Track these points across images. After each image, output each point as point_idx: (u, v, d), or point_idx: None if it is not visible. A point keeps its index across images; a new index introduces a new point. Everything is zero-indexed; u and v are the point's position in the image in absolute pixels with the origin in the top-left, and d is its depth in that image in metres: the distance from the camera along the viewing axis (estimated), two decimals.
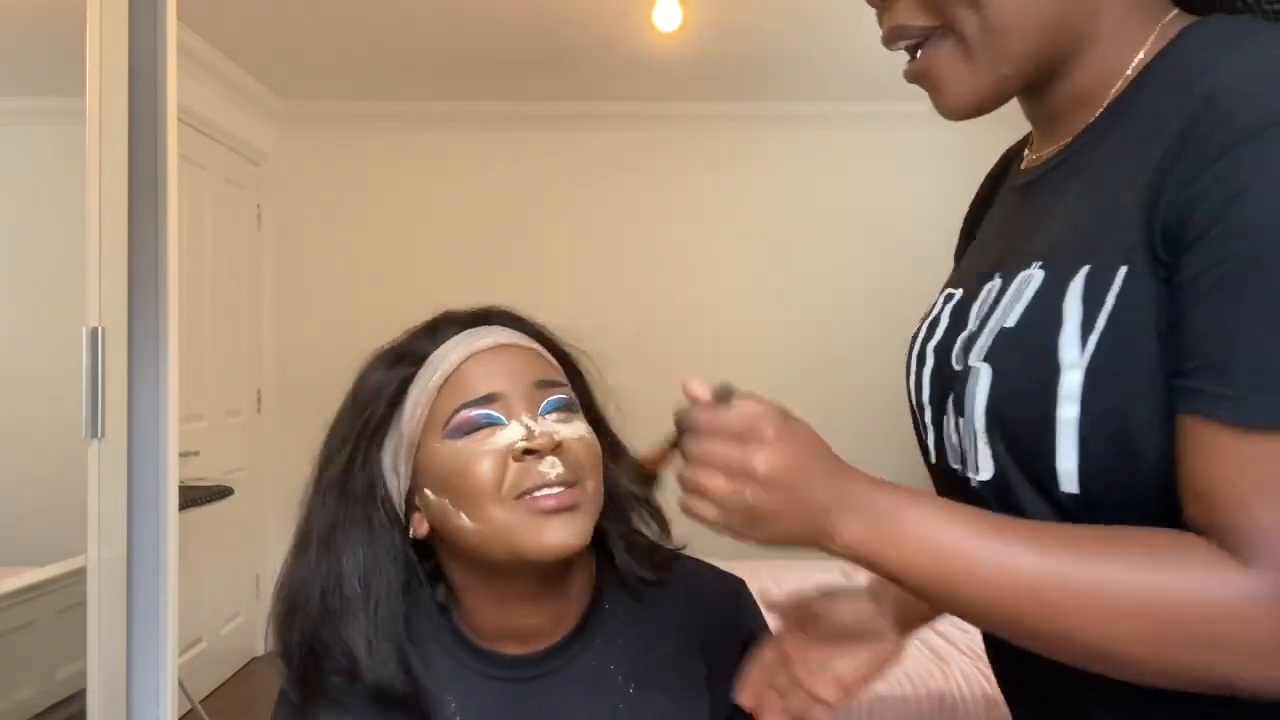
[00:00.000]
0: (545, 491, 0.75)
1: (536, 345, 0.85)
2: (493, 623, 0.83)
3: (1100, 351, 0.58)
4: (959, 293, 0.74)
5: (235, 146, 3.90)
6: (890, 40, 0.69)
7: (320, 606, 0.82)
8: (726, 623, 0.87)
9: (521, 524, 0.75)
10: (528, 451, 0.76)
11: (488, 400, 0.78)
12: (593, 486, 0.79)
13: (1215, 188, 0.53)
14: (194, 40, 3.38)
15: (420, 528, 0.83)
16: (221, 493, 3.16)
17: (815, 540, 0.61)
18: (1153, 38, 0.64)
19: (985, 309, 0.68)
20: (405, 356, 0.84)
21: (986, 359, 0.65)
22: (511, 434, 0.77)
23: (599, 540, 0.84)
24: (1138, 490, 0.58)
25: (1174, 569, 0.53)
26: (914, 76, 0.69)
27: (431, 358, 0.82)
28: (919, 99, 0.72)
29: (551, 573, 0.81)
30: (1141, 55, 0.64)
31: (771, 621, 0.87)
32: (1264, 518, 0.51)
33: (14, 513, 2.20)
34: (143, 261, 1.81)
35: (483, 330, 0.84)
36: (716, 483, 0.60)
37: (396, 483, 0.83)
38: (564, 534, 0.75)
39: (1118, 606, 0.53)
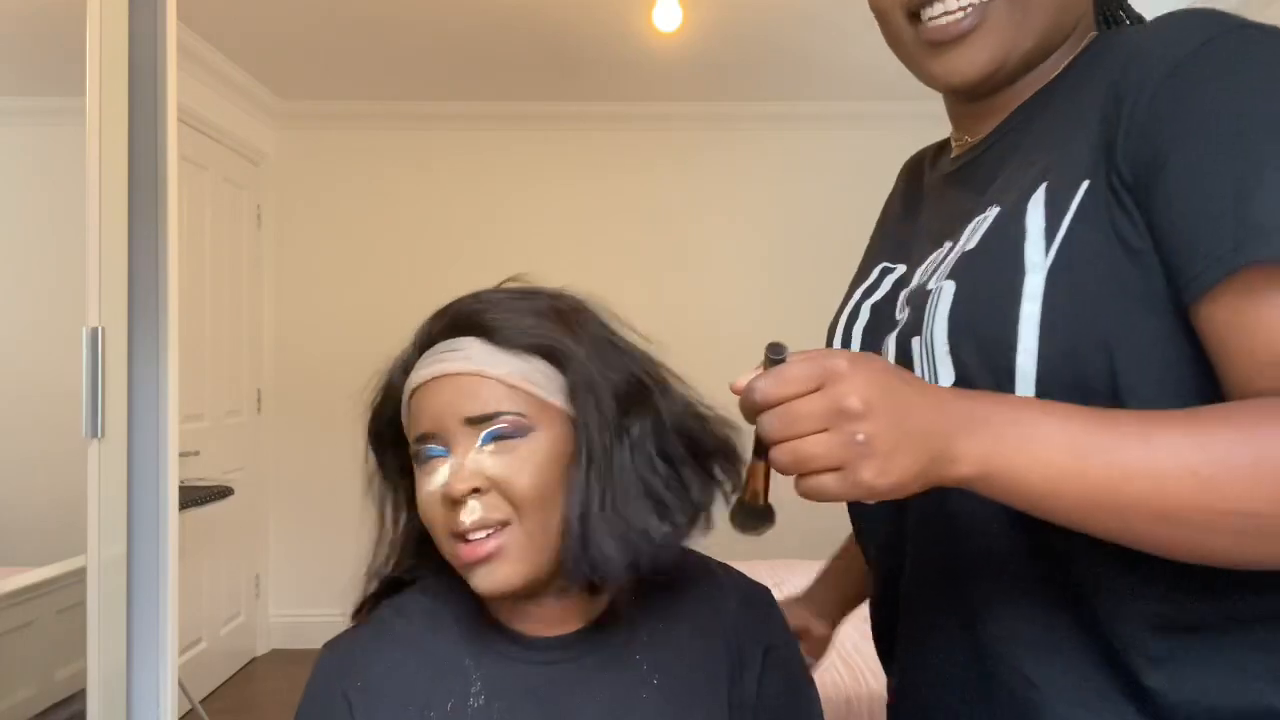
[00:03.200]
0: (472, 537, 0.76)
1: (481, 368, 0.77)
2: (517, 608, 0.83)
3: (1063, 253, 0.62)
4: (900, 267, 0.80)
5: (235, 146, 3.90)
6: None
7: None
8: (752, 627, 0.87)
9: (461, 566, 0.78)
10: (447, 497, 0.76)
11: (426, 438, 0.78)
12: (532, 523, 0.76)
13: (1165, 107, 0.60)
14: (194, 40, 3.38)
15: None
16: (221, 493, 3.16)
17: (938, 470, 0.54)
18: (1076, 48, 0.74)
19: (933, 267, 0.73)
20: (391, 381, 0.86)
21: (950, 276, 0.68)
22: (438, 478, 0.77)
23: None
24: (1090, 389, 0.61)
25: None
26: (954, 31, 0.72)
27: (408, 380, 0.83)
28: (919, 99, 0.72)
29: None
30: (1070, 54, 0.74)
31: None
32: None
33: (14, 513, 2.20)
34: (143, 261, 1.81)
35: (430, 356, 0.80)
36: (817, 443, 0.54)
37: None
38: (488, 581, 0.76)
39: None
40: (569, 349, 0.79)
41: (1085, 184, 0.62)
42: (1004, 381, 0.63)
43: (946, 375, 0.67)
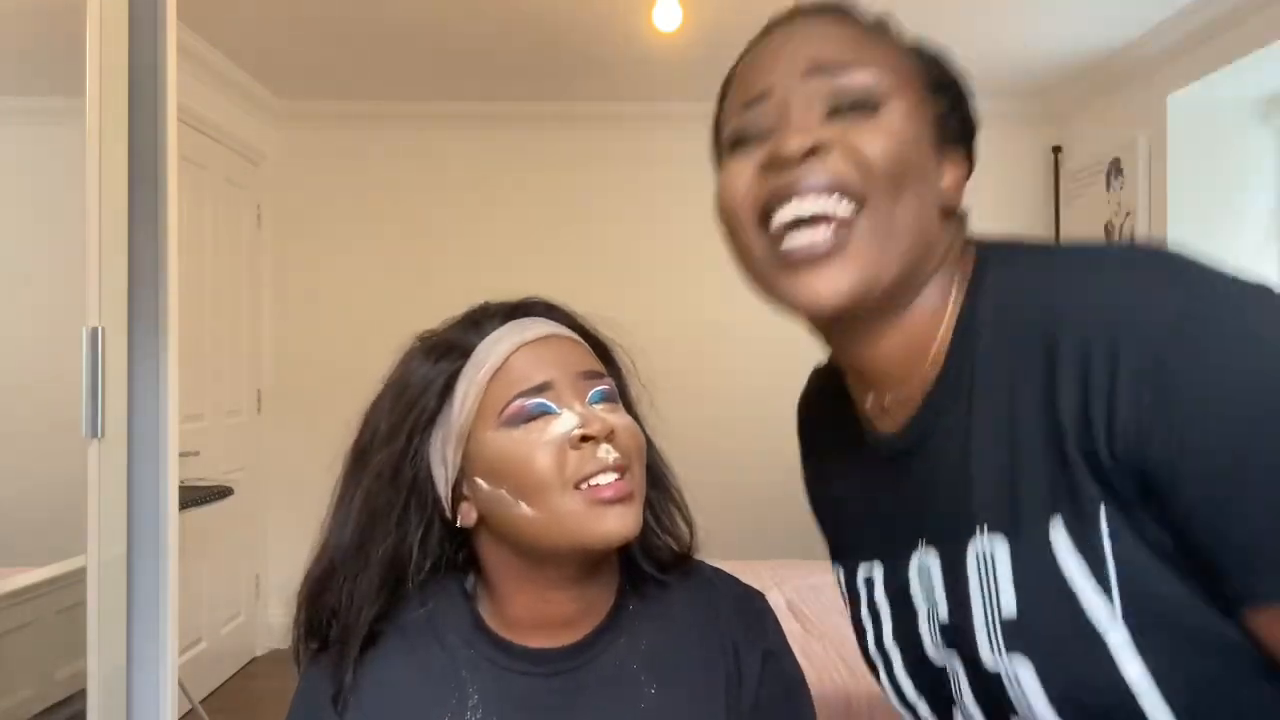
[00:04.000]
0: (602, 479, 0.77)
1: (576, 336, 0.87)
2: (526, 612, 0.83)
3: (1125, 594, 0.56)
4: (879, 571, 0.74)
5: (235, 146, 3.90)
6: (789, 199, 0.65)
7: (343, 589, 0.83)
8: (748, 633, 0.88)
9: (582, 513, 0.77)
10: (585, 438, 0.78)
11: (541, 389, 0.80)
12: (639, 474, 0.81)
13: (1152, 416, 0.54)
14: (194, 40, 3.38)
15: (469, 516, 0.84)
16: (221, 493, 3.16)
17: None
18: (955, 282, 0.68)
19: (933, 589, 0.67)
20: (451, 349, 0.84)
21: (1008, 651, 0.61)
22: (567, 422, 0.78)
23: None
24: (1234, 707, 0.57)
25: None
26: (818, 250, 0.64)
27: (479, 349, 0.83)
28: None
29: (594, 559, 0.82)
30: (952, 301, 0.67)
31: None
32: None
33: (14, 513, 2.20)
34: (143, 261, 1.81)
35: (526, 321, 0.85)
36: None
37: (444, 472, 0.83)
38: (621, 523, 0.77)
39: None
40: (619, 359, 0.92)
41: (1103, 507, 0.56)
42: None
43: None
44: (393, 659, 0.82)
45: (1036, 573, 0.59)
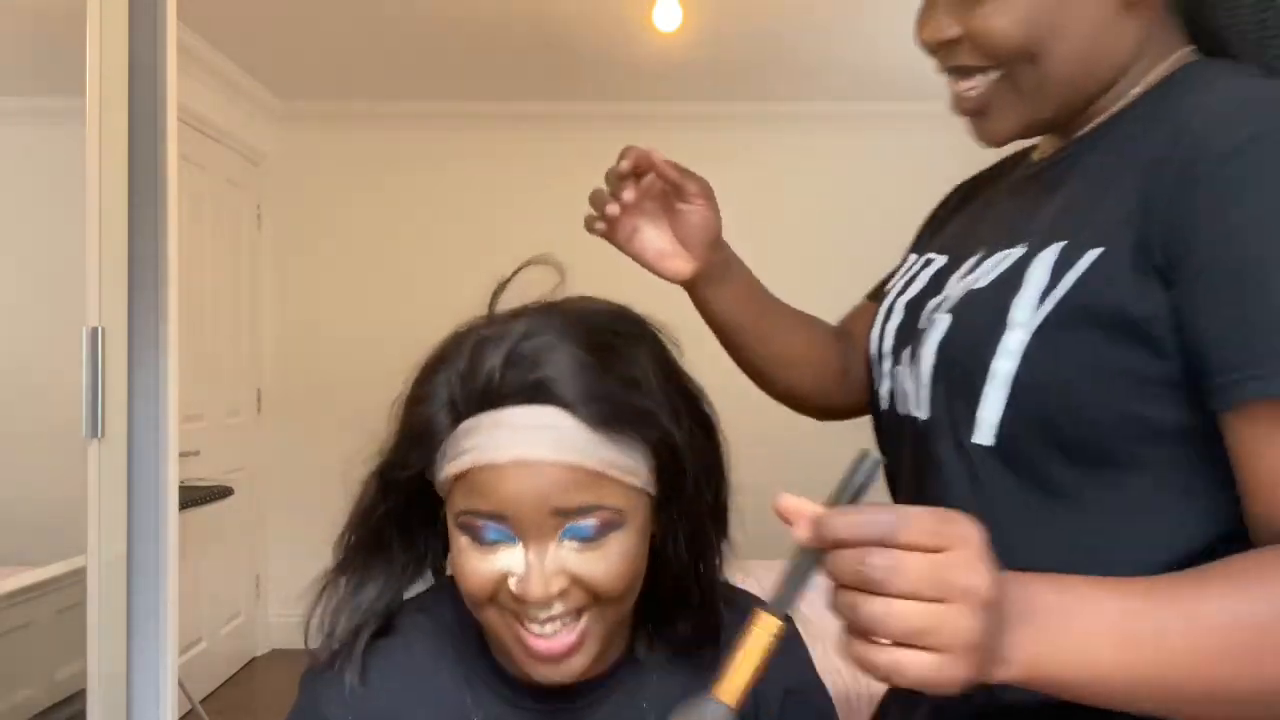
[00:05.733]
0: (536, 629, 0.68)
1: (573, 459, 0.67)
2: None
3: (1054, 317, 0.62)
4: (943, 259, 0.79)
5: (235, 146, 3.90)
6: (947, 70, 0.74)
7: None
8: (770, 667, 0.79)
9: (511, 643, 0.70)
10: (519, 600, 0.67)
11: (495, 517, 0.67)
12: (612, 610, 0.70)
13: (1205, 203, 0.58)
14: (194, 40, 3.38)
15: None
16: (221, 493, 3.16)
17: (988, 669, 0.48)
18: (1160, 69, 0.70)
19: (964, 277, 0.73)
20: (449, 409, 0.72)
21: (950, 311, 0.70)
22: (513, 565, 0.67)
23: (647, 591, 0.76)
24: (1045, 455, 0.62)
25: None
26: (966, 108, 0.74)
27: (454, 434, 0.69)
28: (918, 100, 0.72)
29: None
30: (1148, 80, 0.70)
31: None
32: None
33: (14, 513, 2.20)
34: (143, 261, 1.81)
35: (507, 423, 0.67)
36: (928, 614, 0.45)
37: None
38: (555, 675, 0.69)
39: None
40: (656, 421, 0.70)
41: (1098, 251, 0.61)
42: (964, 430, 0.65)
43: (924, 411, 0.70)
44: (398, 676, 0.78)
45: (1014, 270, 0.66)
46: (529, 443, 0.67)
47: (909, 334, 0.75)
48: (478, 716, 0.76)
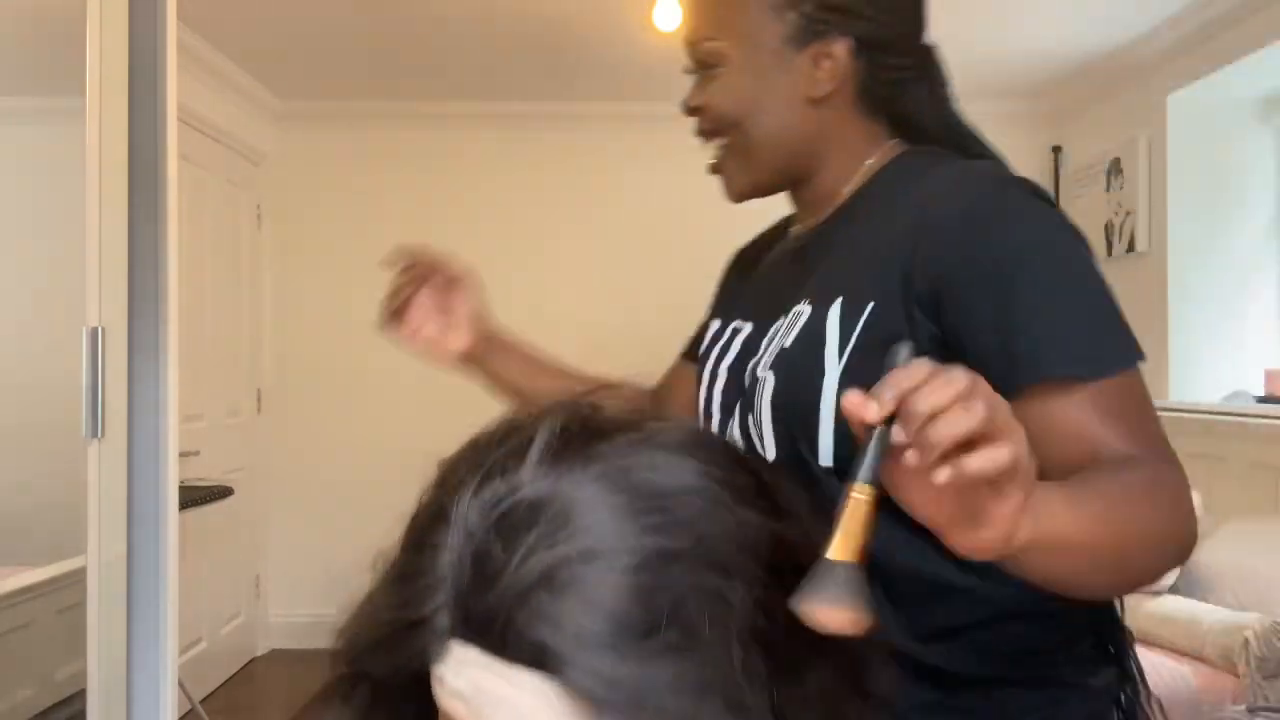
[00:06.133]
0: None
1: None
2: None
3: (851, 361, 0.79)
4: (748, 326, 0.94)
5: (235, 146, 3.90)
6: (697, 134, 0.97)
7: None
8: None
9: None
10: None
11: None
12: None
13: (961, 257, 0.77)
14: (194, 40, 3.38)
15: None
16: (221, 493, 3.16)
17: (1028, 508, 0.56)
18: (876, 156, 0.91)
19: (771, 339, 0.88)
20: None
21: (770, 369, 0.85)
22: None
23: None
24: None
25: (1173, 483, 0.72)
26: (711, 169, 0.98)
27: (441, 662, 0.49)
28: None
29: None
30: (870, 163, 0.91)
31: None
32: (1153, 432, 0.75)
33: (14, 513, 2.20)
34: (143, 261, 1.81)
35: (468, 663, 0.47)
36: (996, 398, 0.51)
37: None
38: None
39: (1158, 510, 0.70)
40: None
41: (871, 305, 0.79)
42: (812, 457, 0.80)
43: (771, 451, 0.84)
44: None
45: (811, 327, 0.83)
46: (490, 706, 0.47)
47: (737, 392, 0.90)
48: None
